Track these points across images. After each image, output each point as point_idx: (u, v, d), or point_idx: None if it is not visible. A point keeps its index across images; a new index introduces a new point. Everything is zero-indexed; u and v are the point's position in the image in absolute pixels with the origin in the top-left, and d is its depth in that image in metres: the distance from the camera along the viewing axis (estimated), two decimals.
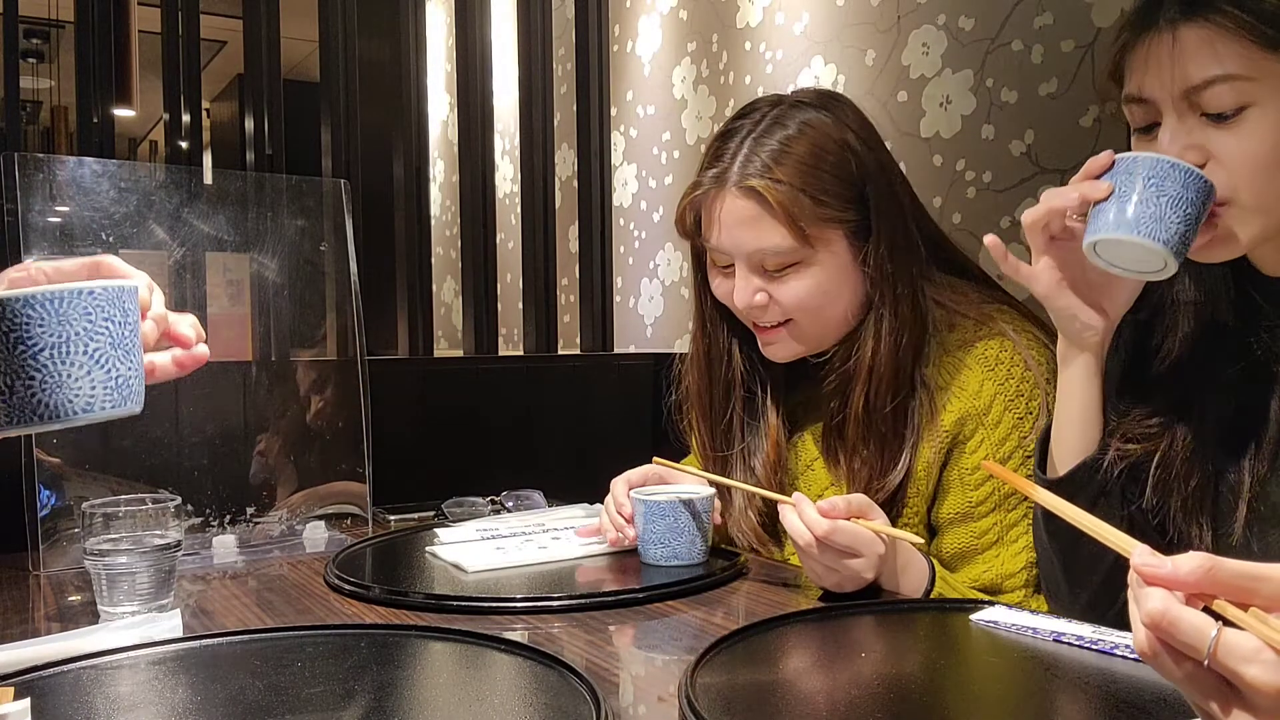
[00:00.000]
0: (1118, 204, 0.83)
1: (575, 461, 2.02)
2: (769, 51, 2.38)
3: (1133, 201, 0.82)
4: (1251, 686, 0.51)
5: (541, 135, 2.45)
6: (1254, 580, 0.53)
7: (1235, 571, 0.53)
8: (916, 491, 1.14)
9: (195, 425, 1.38)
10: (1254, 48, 0.80)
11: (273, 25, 2.20)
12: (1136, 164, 0.83)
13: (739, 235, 1.10)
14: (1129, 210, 0.82)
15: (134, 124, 7.67)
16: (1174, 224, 0.81)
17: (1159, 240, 0.81)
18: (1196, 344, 0.93)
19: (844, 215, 1.10)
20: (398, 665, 0.85)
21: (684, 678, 0.77)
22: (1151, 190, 0.81)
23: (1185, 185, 0.81)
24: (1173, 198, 0.81)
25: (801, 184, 1.07)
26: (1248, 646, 0.51)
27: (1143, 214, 0.82)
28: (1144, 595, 0.54)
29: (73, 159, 1.35)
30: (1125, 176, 0.84)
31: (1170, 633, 0.53)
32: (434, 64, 4.13)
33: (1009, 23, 1.76)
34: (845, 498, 1.01)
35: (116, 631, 0.91)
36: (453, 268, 4.00)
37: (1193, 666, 0.53)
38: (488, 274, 2.43)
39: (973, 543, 1.11)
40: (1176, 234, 0.81)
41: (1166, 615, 0.53)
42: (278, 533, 1.39)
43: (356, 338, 1.48)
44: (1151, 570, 0.54)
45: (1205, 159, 0.83)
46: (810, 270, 1.10)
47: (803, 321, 1.14)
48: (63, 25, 6.06)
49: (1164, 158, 0.82)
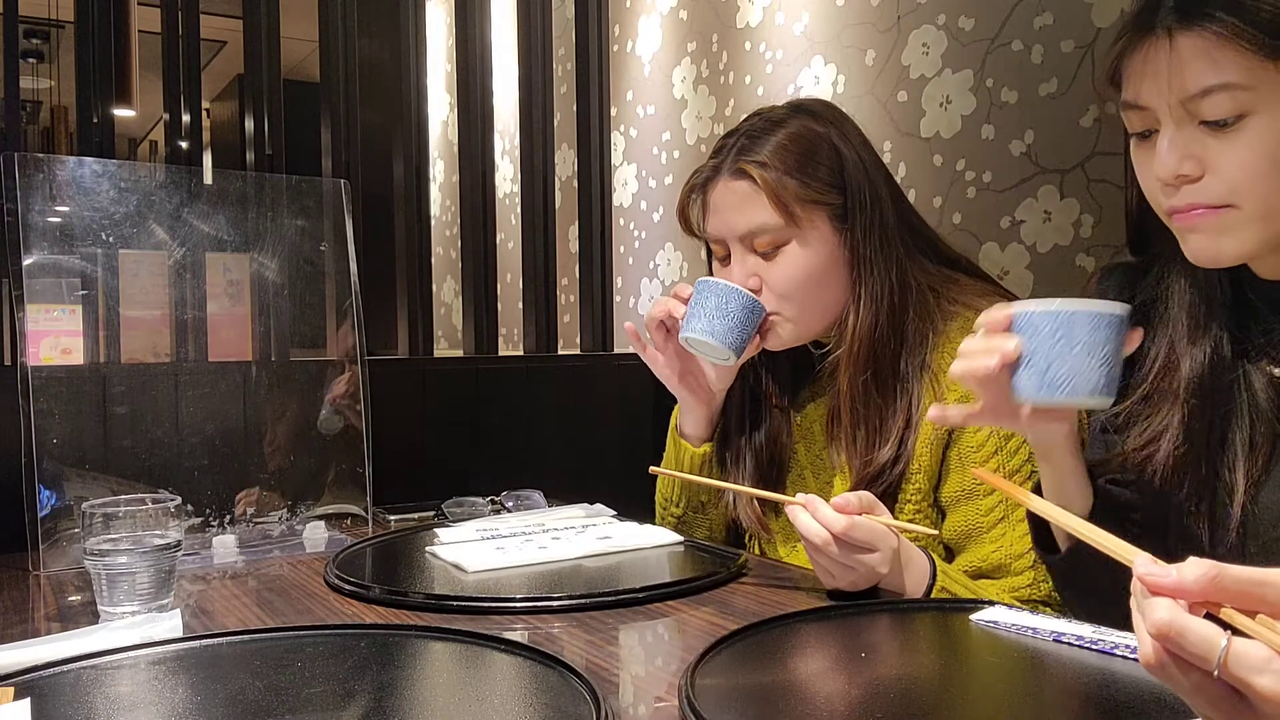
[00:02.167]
0: (1029, 367, 0.85)
1: (575, 461, 2.02)
2: (769, 51, 2.38)
3: (1045, 363, 0.84)
4: (1262, 696, 0.51)
5: (541, 135, 2.45)
6: (1260, 586, 0.52)
7: (1241, 578, 0.53)
8: (919, 468, 1.17)
9: (195, 425, 1.39)
10: (1252, 56, 0.80)
11: (273, 25, 2.20)
12: (1035, 319, 0.85)
13: (731, 218, 1.21)
14: (1045, 374, 0.84)
15: (134, 124, 7.67)
16: (1098, 369, 0.83)
17: (1093, 393, 0.84)
18: (1191, 348, 0.93)
19: (827, 198, 1.18)
20: (398, 665, 0.85)
21: (684, 678, 0.77)
22: (1061, 346, 0.83)
23: (1094, 329, 0.83)
24: (1087, 344, 0.83)
25: (786, 168, 1.17)
26: (1259, 656, 0.51)
27: (1059, 373, 0.84)
28: (1150, 606, 0.53)
29: (73, 159, 1.35)
30: (1030, 335, 0.85)
31: (1179, 643, 0.52)
32: (434, 64, 4.13)
33: (1009, 23, 1.76)
34: (855, 494, 1.02)
35: (116, 631, 0.91)
36: (453, 268, 4.00)
37: (1200, 677, 0.52)
38: (488, 274, 2.43)
39: (978, 521, 1.14)
40: (1104, 377, 0.84)
41: (1174, 625, 0.52)
42: (278, 533, 1.39)
43: (356, 338, 1.48)
44: (1155, 580, 0.53)
45: (1202, 170, 0.83)
46: (797, 251, 1.19)
47: (793, 304, 1.20)
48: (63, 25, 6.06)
49: (1049, 311, 0.84)
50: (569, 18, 2.66)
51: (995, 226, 1.79)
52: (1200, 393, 0.91)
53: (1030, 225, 1.73)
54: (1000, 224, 1.78)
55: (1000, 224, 1.78)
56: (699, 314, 1.19)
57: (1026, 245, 1.74)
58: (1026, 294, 1.74)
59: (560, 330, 2.93)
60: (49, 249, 1.30)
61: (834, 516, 0.98)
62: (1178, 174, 0.83)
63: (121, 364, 1.41)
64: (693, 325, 1.19)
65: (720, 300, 1.17)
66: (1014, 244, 1.76)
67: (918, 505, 1.18)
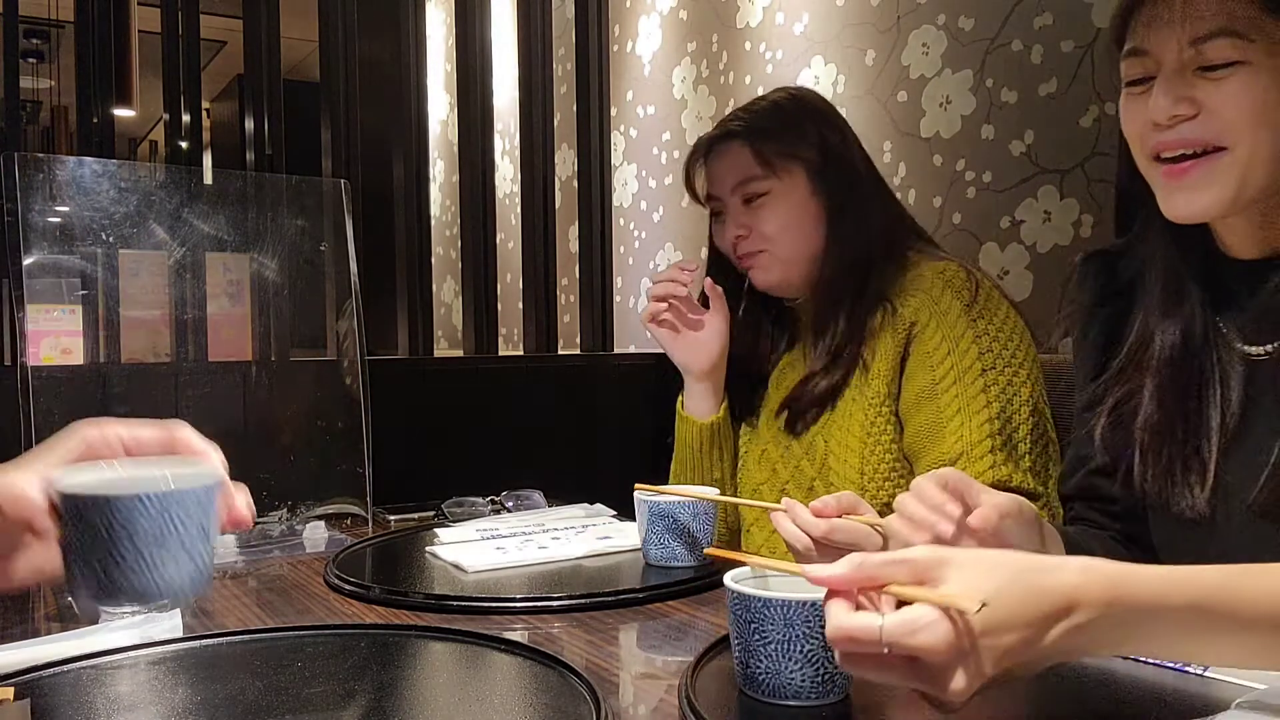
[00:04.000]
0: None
1: (575, 461, 2.02)
2: (769, 51, 2.38)
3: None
4: (926, 650, 0.58)
5: (541, 135, 2.45)
6: (897, 563, 0.62)
7: (880, 560, 0.63)
8: (877, 373, 1.27)
9: (195, 425, 1.38)
10: (1257, 9, 0.84)
11: (273, 25, 2.20)
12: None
13: (724, 173, 1.38)
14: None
15: (134, 124, 7.67)
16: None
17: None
18: (1164, 321, 0.96)
19: (802, 153, 1.34)
20: (398, 665, 0.85)
21: (684, 678, 0.77)
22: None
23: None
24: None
25: (767, 126, 1.36)
26: (906, 620, 0.59)
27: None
28: (828, 630, 0.61)
29: (73, 159, 1.35)
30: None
31: (849, 637, 0.60)
32: (434, 64, 4.13)
33: (1009, 23, 1.76)
34: (835, 496, 1.00)
35: (116, 631, 0.91)
36: (453, 268, 4.00)
37: (879, 658, 0.60)
38: (488, 274, 2.43)
39: (936, 418, 1.23)
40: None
41: (839, 627, 0.60)
42: (278, 533, 1.39)
43: (356, 338, 1.48)
44: (816, 576, 0.64)
45: (1196, 110, 0.86)
46: (777, 199, 1.34)
47: (775, 247, 1.35)
48: (63, 25, 6.06)
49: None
50: (569, 18, 2.66)
51: (995, 226, 1.79)
52: (1172, 363, 0.95)
53: (1030, 225, 1.73)
54: (1000, 224, 1.78)
55: (1000, 224, 1.78)
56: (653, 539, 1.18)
57: (1026, 245, 1.74)
58: (1026, 294, 1.74)
59: (560, 330, 2.94)
60: (49, 249, 1.30)
61: (813, 522, 0.98)
62: (1173, 114, 0.87)
63: (122, 364, 1.41)
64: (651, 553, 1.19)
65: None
66: (1014, 244, 1.76)
67: (878, 409, 1.27)
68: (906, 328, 1.27)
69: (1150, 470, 0.95)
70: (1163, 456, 0.94)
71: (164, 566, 0.63)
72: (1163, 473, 0.94)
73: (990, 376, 1.22)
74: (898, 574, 0.62)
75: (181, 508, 0.64)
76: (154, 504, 0.63)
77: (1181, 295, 0.95)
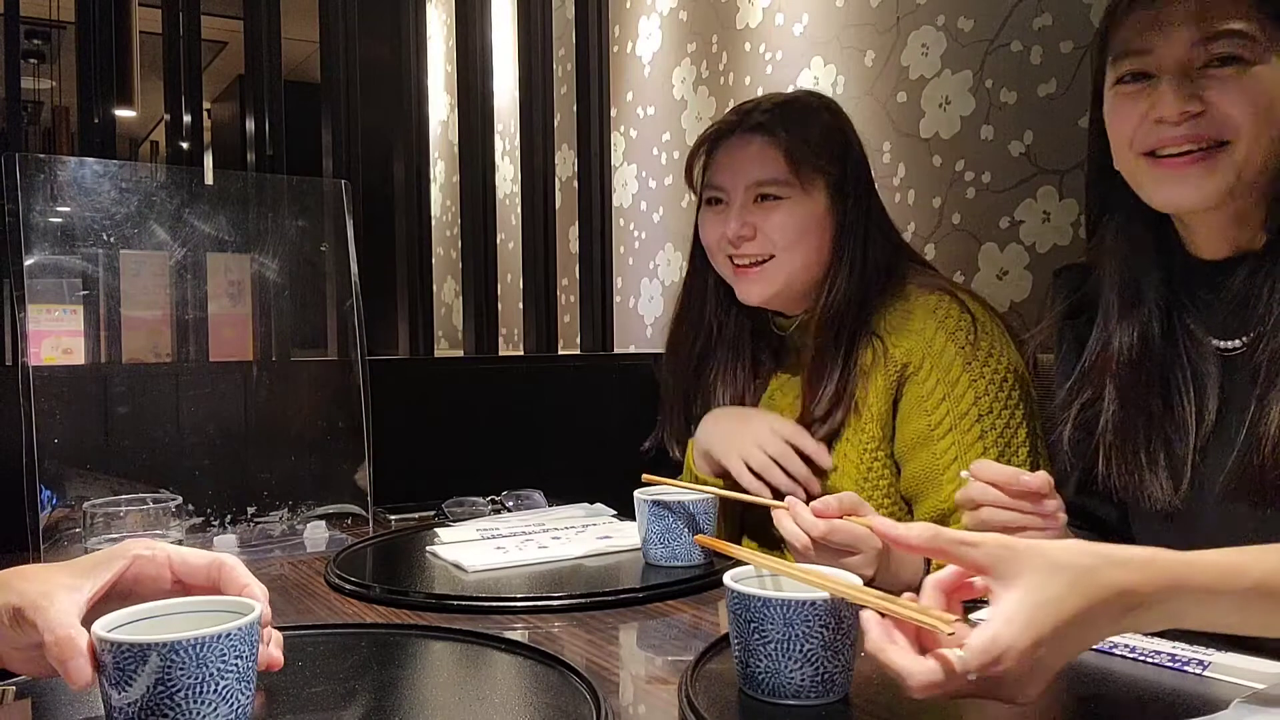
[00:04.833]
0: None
1: (575, 461, 2.02)
2: (769, 52, 2.39)
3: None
4: (1008, 673, 0.62)
5: (541, 135, 2.45)
6: (967, 544, 0.66)
7: (952, 537, 0.66)
8: (872, 416, 1.25)
9: (195, 425, 1.39)
10: (1262, 15, 0.88)
11: (273, 26, 2.20)
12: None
13: (746, 167, 1.31)
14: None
15: (135, 124, 7.67)
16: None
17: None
18: (1121, 324, 0.99)
19: (828, 167, 1.30)
20: (398, 665, 0.85)
21: (684, 677, 0.77)
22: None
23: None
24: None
25: (802, 133, 1.30)
26: (989, 651, 0.61)
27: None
28: (910, 681, 0.63)
29: (74, 159, 1.35)
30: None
31: (932, 684, 0.63)
32: (434, 64, 4.13)
33: (1008, 23, 1.76)
34: (836, 496, 1.00)
35: None
36: (453, 268, 4.00)
37: (959, 688, 0.63)
38: (488, 274, 2.43)
39: (933, 465, 1.21)
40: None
41: (917, 676, 0.63)
42: (278, 532, 1.39)
43: (356, 338, 1.48)
44: (886, 531, 0.70)
45: (1204, 107, 0.89)
46: (794, 207, 1.29)
47: (778, 257, 1.30)
48: (63, 25, 6.06)
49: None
50: (569, 18, 2.66)
51: (994, 227, 1.79)
52: (1131, 364, 0.97)
53: (1029, 226, 1.73)
54: (999, 224, 1.78)
55: (999, 224, 1.78)
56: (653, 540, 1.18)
57: (1025, 246, 1.74)
58: (1025, 294, 1.74)
59: (560, 330, 2.94)
60: (50, 249, 1.31)
61: (812, 521, 0.98)
62: (1183, 110, 0.89)
63: (123, 364, 1.41)
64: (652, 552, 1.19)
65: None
66: (1013, 244, 1.76)
67: (874, 453, 1.25)
68: (899, 369, 1.24)
69: (1115, 470, 0.97)
70: (1127, 455, 0.96)
71: (199, 716, 0.64)
72: (1128, 471, 0.96)
73: (987, 422, 1.20)
74: (966, 555, 0.66)
75: (218, 654, 0.64)
76: (190, 651, 0.63)
77: (1139, 297, 0.98)
